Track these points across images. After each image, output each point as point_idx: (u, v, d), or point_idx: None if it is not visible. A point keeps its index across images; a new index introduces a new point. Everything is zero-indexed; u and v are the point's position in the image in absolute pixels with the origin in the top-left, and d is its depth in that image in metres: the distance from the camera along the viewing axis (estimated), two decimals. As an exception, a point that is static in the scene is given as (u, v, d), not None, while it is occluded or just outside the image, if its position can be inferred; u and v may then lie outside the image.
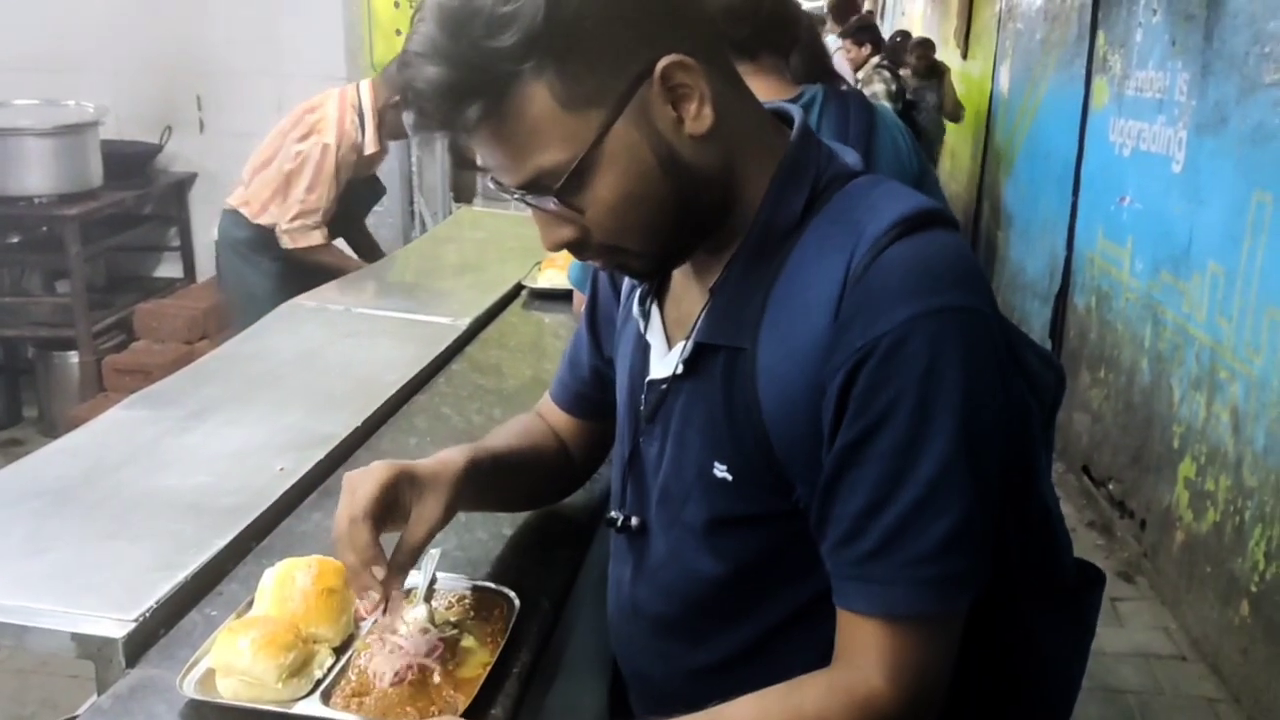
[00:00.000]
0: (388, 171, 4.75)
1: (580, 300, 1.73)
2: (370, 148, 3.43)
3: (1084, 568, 1.09)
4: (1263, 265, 3.15)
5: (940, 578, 0.86)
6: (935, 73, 7.70)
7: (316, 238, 3.43)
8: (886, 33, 8.98)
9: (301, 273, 3.41)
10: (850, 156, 0.98)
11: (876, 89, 6.58)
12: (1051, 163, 5.53)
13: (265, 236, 3.48)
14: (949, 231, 0.90)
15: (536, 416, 1.34)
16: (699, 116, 0.88)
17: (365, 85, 3.43)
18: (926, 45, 7.87)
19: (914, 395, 0.83)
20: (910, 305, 0.84)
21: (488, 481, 1.15)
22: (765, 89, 1.60)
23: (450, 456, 1.11)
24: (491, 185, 0.94)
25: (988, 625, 0.97)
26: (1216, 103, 3.51)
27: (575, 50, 0.84)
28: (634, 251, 0.94)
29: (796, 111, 1.00)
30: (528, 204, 0.91)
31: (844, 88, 1.76)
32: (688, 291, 1.01)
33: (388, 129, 3.42)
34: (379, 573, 1.00)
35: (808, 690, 0.90)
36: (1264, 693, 3.00)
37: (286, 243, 3.44)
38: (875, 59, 7.26)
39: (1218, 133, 3.50)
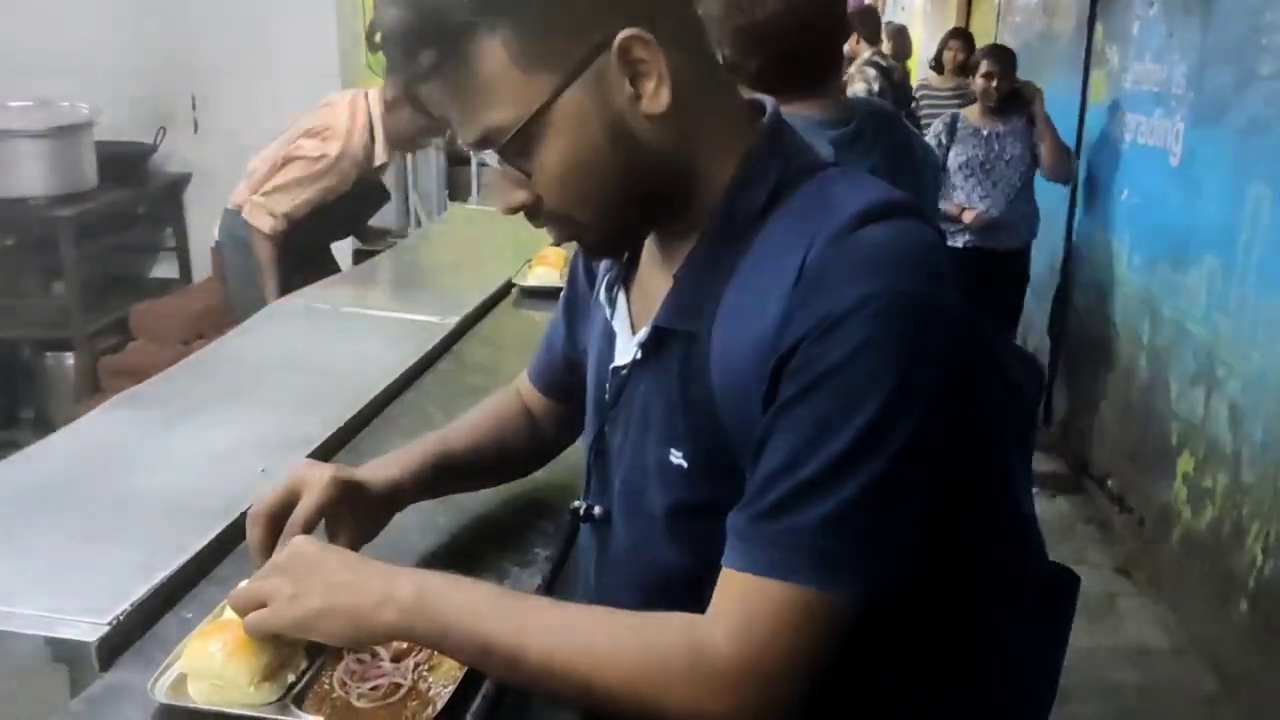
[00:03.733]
0: (383, 169, 4.75)
1: None
2: (381, 158, 3.43)
3: (1058, 572, 1.07)
4: (1259, 259, 3.14)
5: (818, 551, 0.83)
6: (1017, 102, 4.67)
7: (266, 224, 3.36)
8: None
9: (305, 273, 3.38)
10: (824, 149, 0.97)
11: (858, 88, 6.31)
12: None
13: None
14: (916, 221, 0.89)
15: (509, 395, 1.37)
16: (656, 96, 0.88)
17: (374, 94, 3.41)
18: (1000, 58, 4.74)
19: (844, 371, 0.82)
20: (858, 287, 0.82)
21: (440, 481, 1.26)
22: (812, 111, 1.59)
23: (400, 476, 1.21)
24: (460, 144, 0.95)
25: (952, 628, 0.95)
26: (1214, 95, 3.50)
27: (534, 10, 0.85)
28: (585, 224, 0.94)
29: (769, 101, 0.99)
30: (482, 162, 0.91)
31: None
32: (653, 279, 1.01)
33: (388, 135, 3.41)
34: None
35: (657, 616, 0.89)
36: (1262, 689, 2.98)
37: (246, 211, 3.40)
38: (865, 54, 7.07)
39: (1215, 125, 3.48)
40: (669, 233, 0.98)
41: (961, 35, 6.45)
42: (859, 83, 6.32)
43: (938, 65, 6.26)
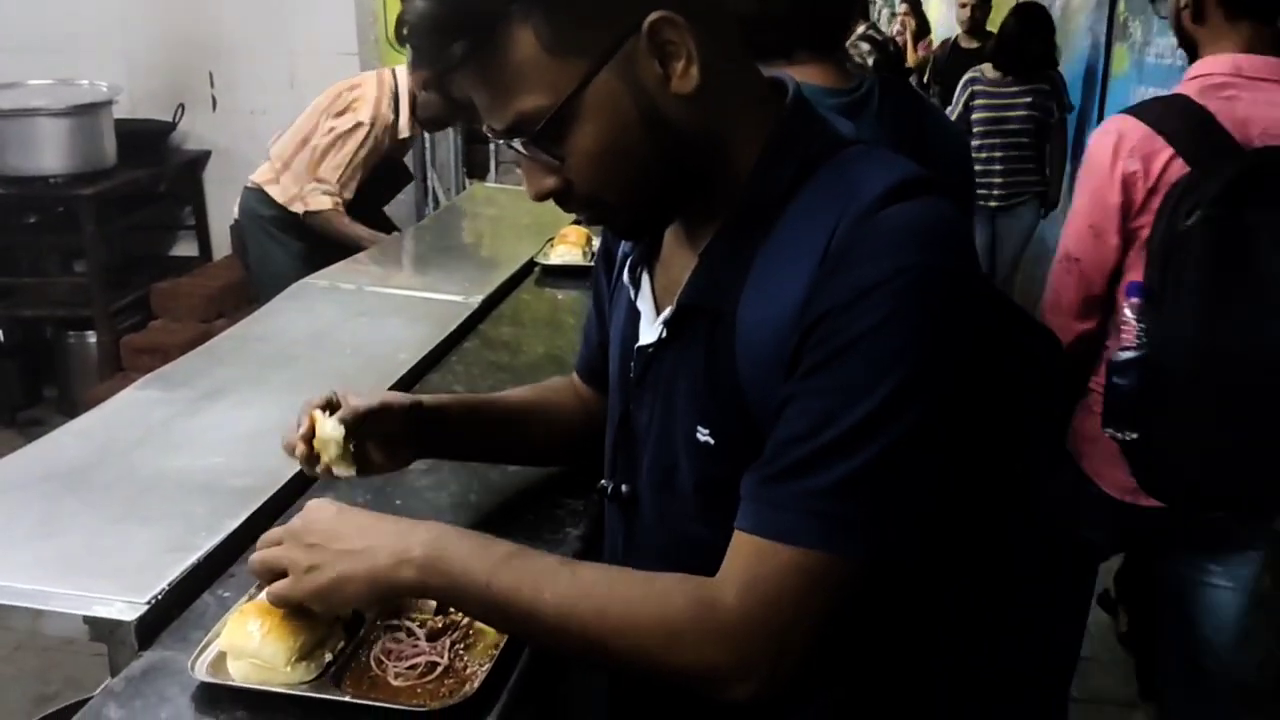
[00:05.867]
0: (401, 148, 4.74)
1: None
2: (405, 131, 3.41)
3: (1078, 544, 1.08)
4: (1285, 234, 3.10)
5: (828, 515, 0.84)
6: None
7: (326, 202, 3.36)
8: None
9: (329, 251, 3.37)
10: (844, 126, 0.98)
11: (853, 64, 6.19)
12: (1073, 130, 5.47)
13: (291, 216, 3.45)
14: (937, 198, 0.89)
15: (563, 377, 1.39)
16: (685, 75, 0.88)
17: (402, 69, 3.40)
18: None
19: (869, 341, 0.83)
20: (885, 261, 0.83)
21: (473, 423, 1.28)
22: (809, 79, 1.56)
23: (422, 400, 1.26)
24: (486, 132, 0.95)
25: (971, 597, 0.97)
26: (1238, 69, 3.45)
27: None
28: (615, 206, 0.95)
29: (790, 80, 0.99)
30: (513, 150, 0.92)
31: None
32: (678, 258, 1.01)
33: (420, 116, 3.40)
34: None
35: (669, 576, 0.91)
36: (1285, 665, 2.97)
37: (299, 208, 3.39)
38: (860, 28, 6.93)
39: (1240, 99, 3.44)
40: (694, 211, 0.98)
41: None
42: (854, 58, 6.25)
43: (1008, 56, 4.71)
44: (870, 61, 6.13)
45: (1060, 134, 4.83)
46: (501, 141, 0.92)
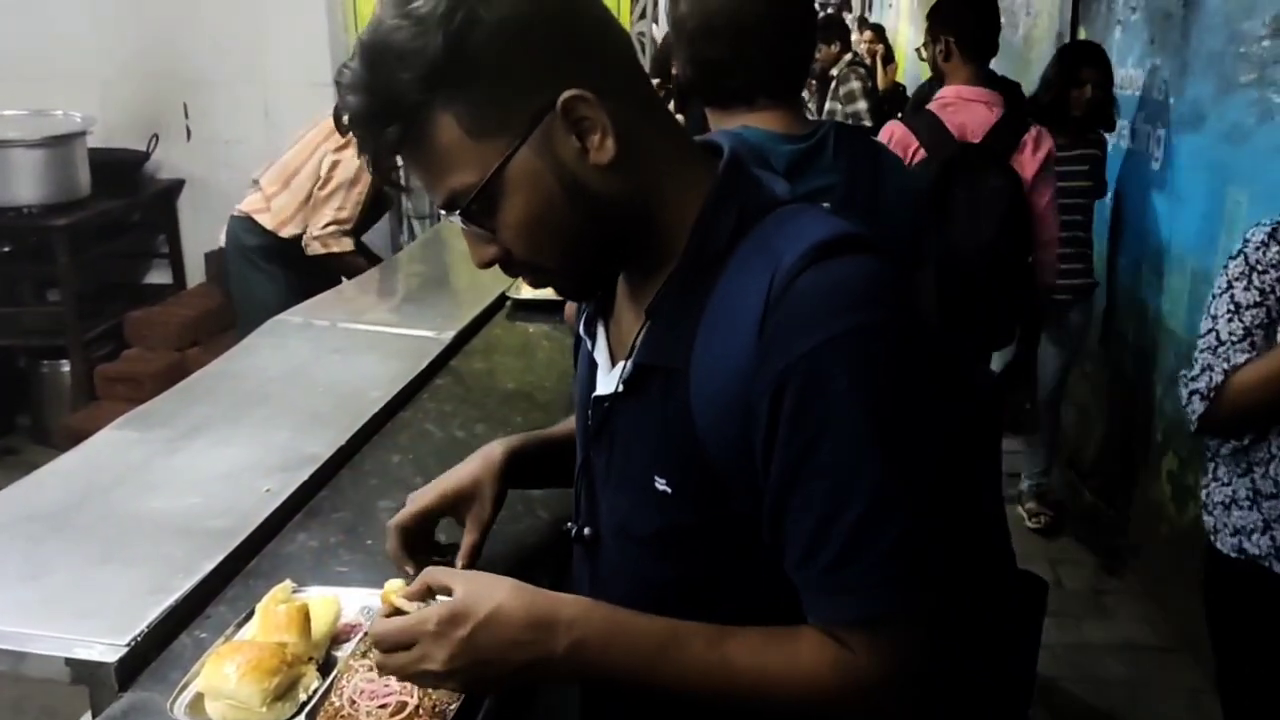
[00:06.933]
0: (377, 177, 4.77)
1: (571, 308, 1.77)
2: None
3: (1026, 578, 1.14)
4: (1239, 262, 3.18)
5: (905, 576, 0.91)
6: None
7: (347, 243, 3.46)
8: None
9: (311, 280, 3.41)
10: (779, 186, 1.03)
11: (853, 87, 6.26)
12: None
13: (278, 244, 3.48)
14: (866, 255, 0.94)
15: None
16: (602, 148, 0.94)
17: None
18: None
19: (841, 413, 0.88)
20: (827, 326, 0.89)
21: (535, 464, 1.33)
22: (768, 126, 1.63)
23: (490, 454, 1.30)
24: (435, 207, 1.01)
25: (966, 603, 1.02)
26: (1194, 101, 3.55)
27: (478, 83, 0.91)
28: (555, 271, 1.01)
29: (725, 141, 1.04)
30: (453, 222, 0.98)
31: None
32: (626, 312, 1.07)
33: None
34: (410, 569, 1.23)
35: (804, 643, 0.95)
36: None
37: (317, 249, 3.45)
38: (847, 56, 7.06)
39: (1195, 130, 3.53)
40: (637, 270, 1.04)
41: (1095, 59, 3.77)
42: (853, 82, 6.36)
43: (1055, 109, 3.69)
44: (869, 85, 6.21)
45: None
46: (444, 212, 0.98)
